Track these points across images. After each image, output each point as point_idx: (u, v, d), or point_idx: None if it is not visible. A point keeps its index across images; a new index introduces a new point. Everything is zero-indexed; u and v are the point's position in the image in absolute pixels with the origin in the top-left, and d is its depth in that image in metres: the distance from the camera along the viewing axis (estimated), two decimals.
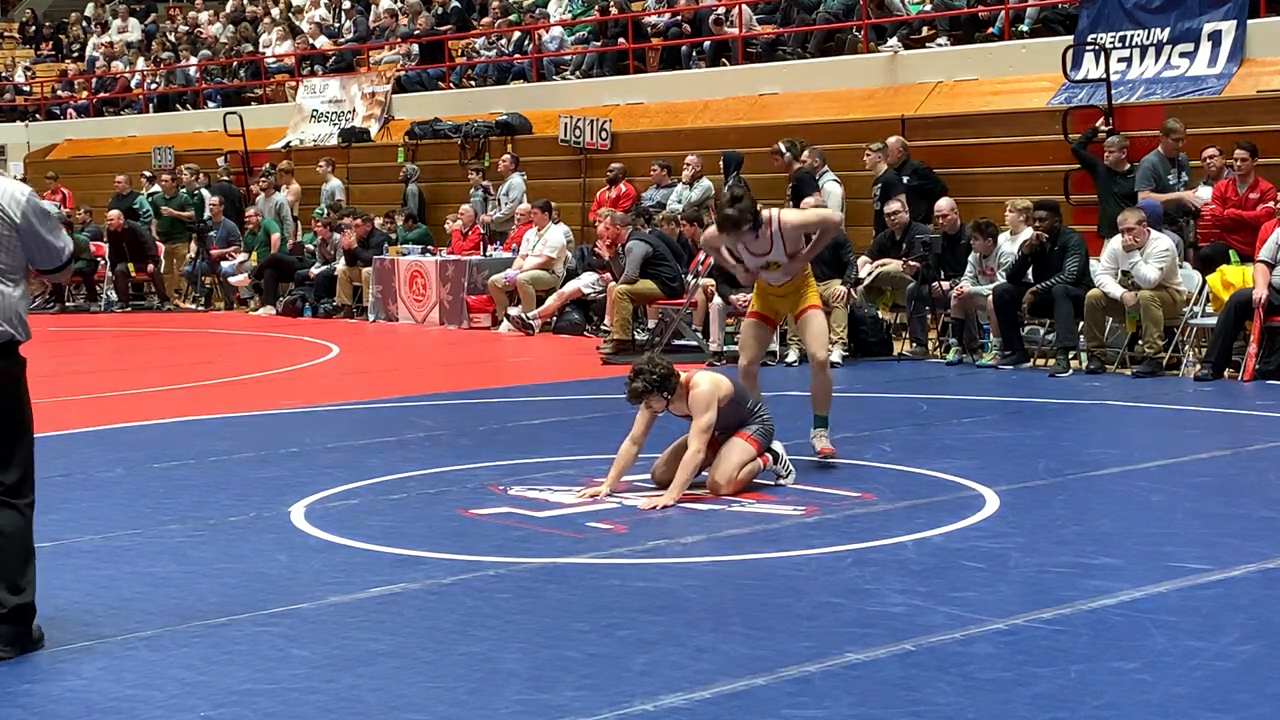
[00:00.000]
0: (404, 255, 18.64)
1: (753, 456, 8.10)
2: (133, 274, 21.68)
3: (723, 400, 8.03)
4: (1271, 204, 12.76)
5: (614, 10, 21.54)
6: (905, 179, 15.20)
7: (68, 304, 21.94)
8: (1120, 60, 15.52)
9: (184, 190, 22.32)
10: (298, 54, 26.33)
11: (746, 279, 8.98)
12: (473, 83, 23.18)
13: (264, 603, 6.01)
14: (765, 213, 8.63)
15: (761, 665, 5.10)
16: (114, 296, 21.79)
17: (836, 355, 13.51)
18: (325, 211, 20.53)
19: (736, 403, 8.14)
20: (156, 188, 22.98)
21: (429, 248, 18.98)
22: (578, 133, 19.52)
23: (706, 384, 8.04)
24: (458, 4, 24.35)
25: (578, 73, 21.81)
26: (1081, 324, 12.72)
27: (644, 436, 8.10)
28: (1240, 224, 12.90)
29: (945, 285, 13.57)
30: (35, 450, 5.64)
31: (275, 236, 20.61)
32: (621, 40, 21.12)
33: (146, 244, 21.69)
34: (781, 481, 8.25)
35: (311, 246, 20.41)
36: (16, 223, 5.58)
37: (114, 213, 21.59)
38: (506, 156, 19.88)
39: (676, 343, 14.54)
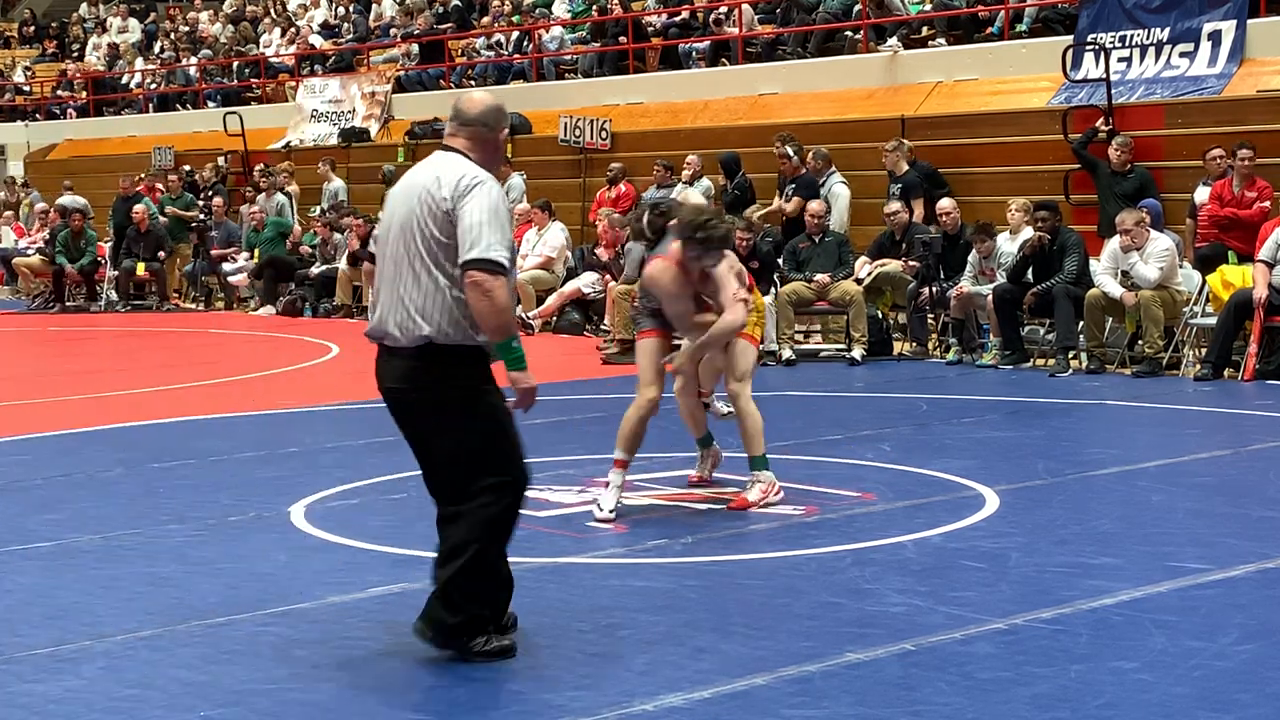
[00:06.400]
0: None
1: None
2: (139, 272, 21.67)
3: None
4: (1267, 203, 12.79)
5: (614, 10, 21.54)
6: (914, 176, 15.19)
7: (68, 304, 21.95)
8: (1120, 60, 15.52)
9: (185, 191, 22.50)
10: (298, 54, 26.34)
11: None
12: (473, 83, 23.16)
13: (264, 603, 6.01)
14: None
15: (761, 665, 5.10)
16: (114, 296, 21.81)
17: (858, 353, 13.59)
18: (323, 211, 20.57)
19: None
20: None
21: None
22: (578, 133, 19.52)
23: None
24: (458, 3, 24.35)
25: (578, 73, 21.81)
26: (1081, 324, 12.73)
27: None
28: (1236, 223, 12.92)
29: (936, 290, 13.59)
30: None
31: (296, 229, 20.64)
32: (622, 40, 21.12)
33: (163, 242, 21.76)
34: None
35: (310, 247, 20.41)
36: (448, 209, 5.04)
37: (139, 208, 21.64)
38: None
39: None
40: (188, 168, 23.91)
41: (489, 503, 5.11)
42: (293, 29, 27.41)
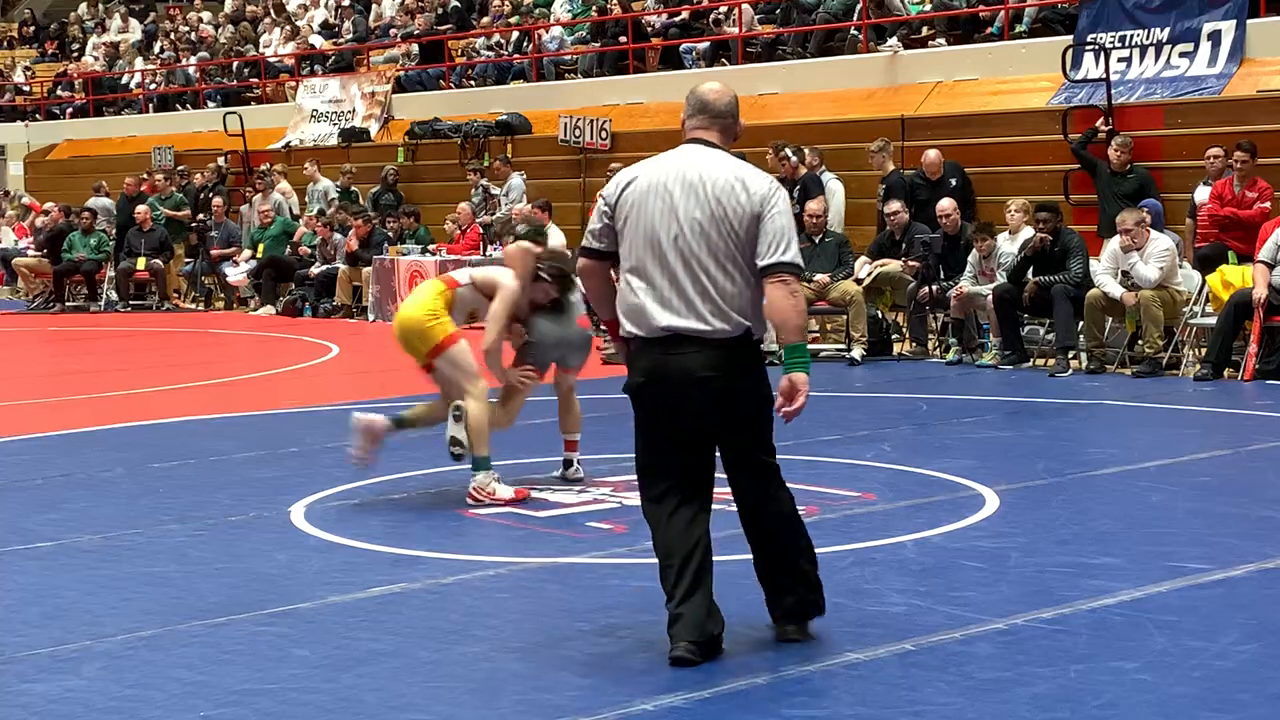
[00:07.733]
0: (404, 255, 18.64)
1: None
2: (139, 268, 21.65)
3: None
4: (1267, 204, 12.79)
5: (614, 10, 21.55)
6: (953, 181, 15.19)
7: (68, 304, 21.95)
8: (1120, 60, 15.52)
9: (177, 191, 22.53)
10: (298, 54, 26.34)
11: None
12: (473, 83, 23.18)
13: (264, 603, 6.01)
14: None
15: (761, 665, 5.10)
16: (114, 296, 21.80)
17: (857, 353, 13.60)
18: (321, 210, 20.57)
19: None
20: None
21: (429, 247, 18.99)
22: (578, 133, 19.52)
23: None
24: (458, 4, 24.36)
25: (577, 73, 21.82)
26: (1081, 324, 12.73)
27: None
28: (1237, 223, 12.92)
29: (936, 290, 13.60)
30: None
31: (301, 231, 20.64)
32: (621, 40, 21.13)
33: (165, 241, 21.79)
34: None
35: (309, 248, 20.40)
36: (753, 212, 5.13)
37: (141, 208, 21.65)
38: (499, 159, 19.91)
39: None
40: (182, 168, 23.93)
41: (787, 498, 5.43)
42: (292, 29, 27.40)
